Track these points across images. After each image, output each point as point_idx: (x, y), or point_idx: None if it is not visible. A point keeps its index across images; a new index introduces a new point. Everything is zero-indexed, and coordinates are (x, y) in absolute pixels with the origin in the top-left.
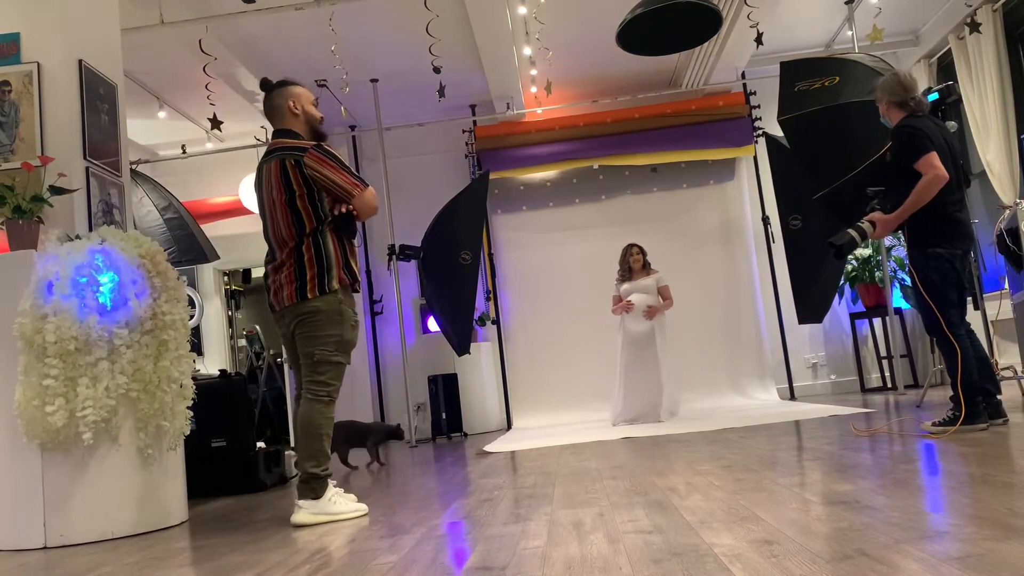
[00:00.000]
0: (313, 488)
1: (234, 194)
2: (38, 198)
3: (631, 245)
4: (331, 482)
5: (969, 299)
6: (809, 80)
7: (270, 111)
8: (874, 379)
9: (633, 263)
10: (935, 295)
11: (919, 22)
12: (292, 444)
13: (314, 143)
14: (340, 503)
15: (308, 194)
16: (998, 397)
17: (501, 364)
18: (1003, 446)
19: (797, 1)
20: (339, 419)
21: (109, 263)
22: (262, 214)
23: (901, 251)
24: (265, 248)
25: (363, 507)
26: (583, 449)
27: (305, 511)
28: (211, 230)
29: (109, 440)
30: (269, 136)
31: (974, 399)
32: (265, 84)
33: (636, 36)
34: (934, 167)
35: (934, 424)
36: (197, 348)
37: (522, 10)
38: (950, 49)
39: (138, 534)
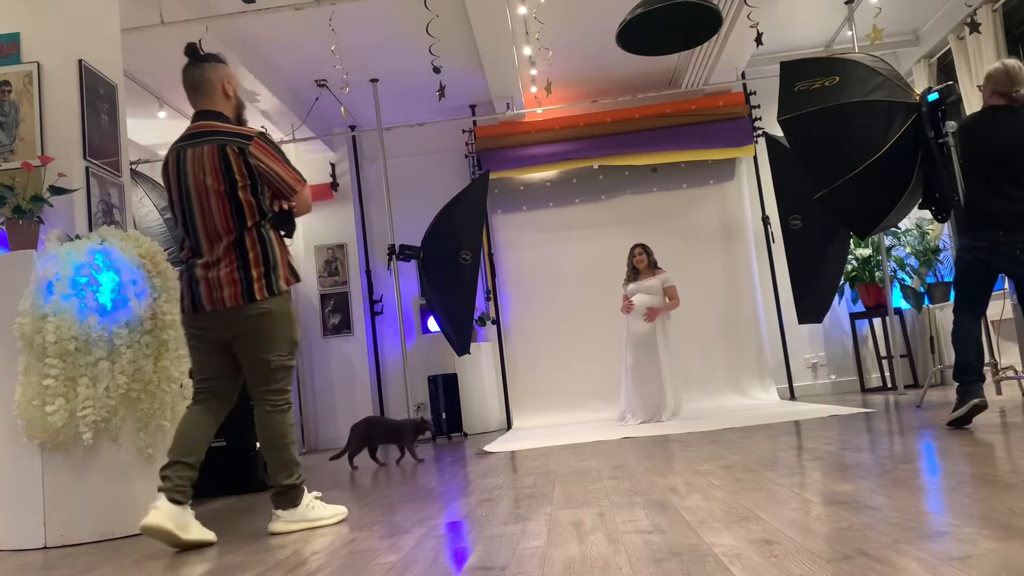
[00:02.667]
0: (291, 498)
1: None
2: (38, 198)
3: (635, 245)
4: (311, 492)
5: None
6: (809, 80)
7: (196, 85)
8: (874, 379)
9: (637, 263)
10: (954, 281)
11: (919, 22)
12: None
13: (259, 131)
14: (319, 508)
15: (252, 186)
16: (979, 385)
17: (501, 364)
18: (1003, 446)
19: (797, 1)
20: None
21: (109, 263)
22: (182, 203)
23: (901, 251)
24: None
25: (342, 510)
26: (583, 449)
27: (283, 520)
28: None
29: (109, 440)
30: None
31: (964, 377)
32: (193, 51)
33: (636, 36)
34: None
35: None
36: None
37: (522, 10)
38: (950, 49)
39: (138, 534)
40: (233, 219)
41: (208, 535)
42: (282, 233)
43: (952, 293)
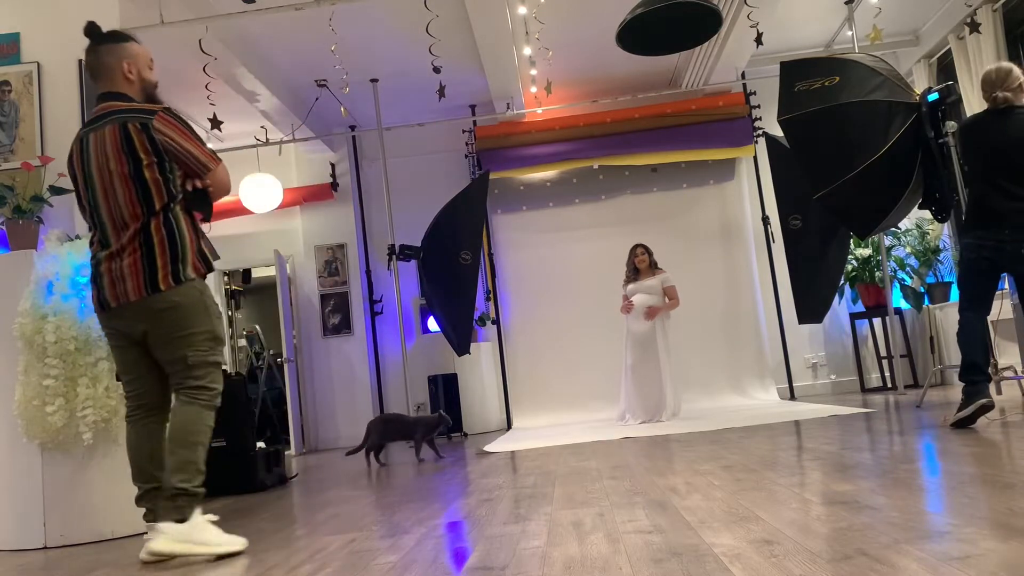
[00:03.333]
0: (179, 507)
1: (234, 194)
2: (38, 198)
3: (636, 245)
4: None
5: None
6: (809, 80)
7: (96, 68)
8: (874, 379)
9: (638, 263)
10: (958, 280)
11: (919, 22)
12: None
13: (163, 105)
14: (211, 532)
15: (159, 163)
16: (985, 385)
17: (501, 364)
18: (1003, 446)
19: (797, 1)
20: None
21: None
22: (88, 192)
23: (901, 251)
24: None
25: (240, 542)
26: (583, 449)
27: (166, 537)
28: (211, 230)
29: (109, 440)
30: (268, 136)
31: (971, 377)
32: (92, 31)
33: (636, 36)
34: None
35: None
36: None
37: (522, 10)
38: (950, 49)
39: (138, 534)
40: (140, 203)
41: (234, 542)
42: (199, 217)
43: (954, 292)
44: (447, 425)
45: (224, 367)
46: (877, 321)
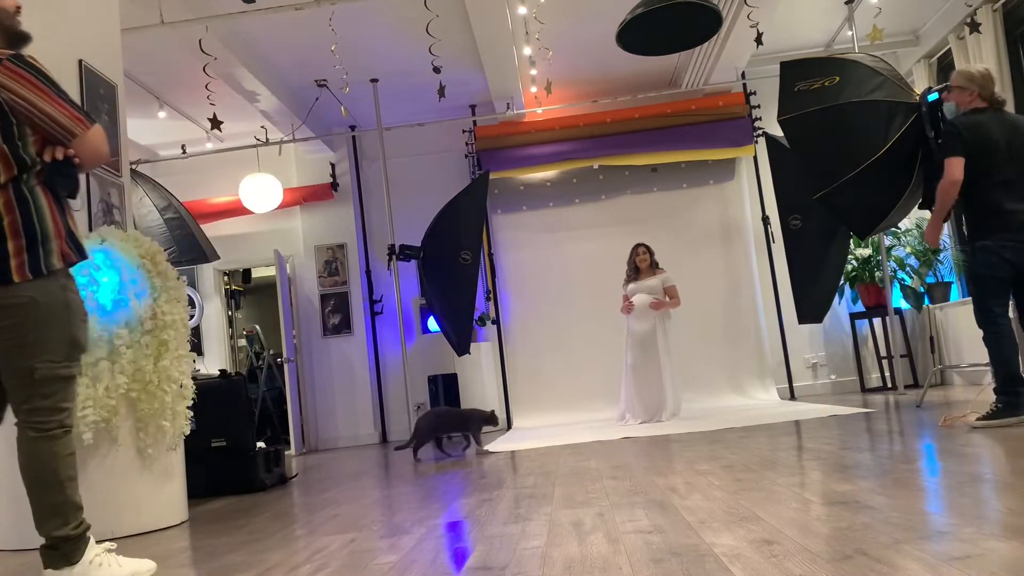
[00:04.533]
0: (65, 554)
1: (234, 194)
2: None
3: (637, 245)
4: (100, 541)
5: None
6: (809, 80)
7: None
8: (874, 379)
9: (639, 262)
10: (979, 287)
11: (919, 22)
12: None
13: (12, 53)
14: (109, 566)
15: (3, 127)
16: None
17: (501, 364)
18: (1003, 446)
19: (797, 1)
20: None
21: (109, 263)
22: None
23: (901, 251)
24: None
25: (147, 565)
26: (583, 449)
27: None
28: (211, 230)
29: (109, 440)
30: (268, 136)
31: (1014, 388)
32: None
33: (636, 36)
34: (948, 171)
35: (978, 419)
36: (197, 348)
37: (522, 10)
38: (950, 49)
39: (138, 534)
40: None
41: (139, 567)
42: (63, 193)
43: (954, 292)
44: (496, 422)
45: (224, 367)
46: (877, 321)
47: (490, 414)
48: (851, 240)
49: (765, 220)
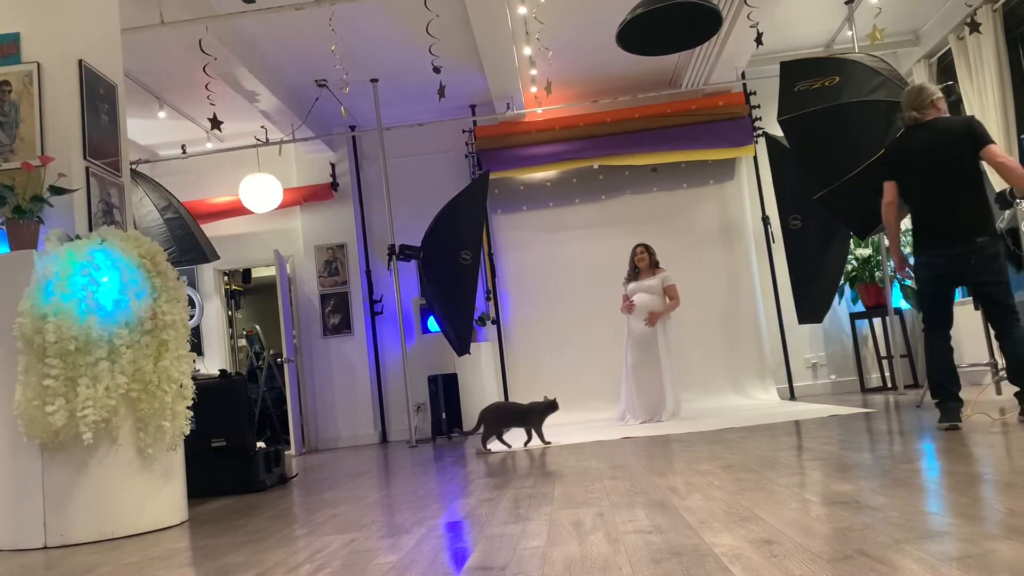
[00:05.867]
0: None
1: (234, 194)
2: (38, 198)
3: (636, 245)
4: None
5: (969, 299)
6: (809, 80)
7: None
8: (874, 379)
9: (638, 262)
10: (920, 302)
11: (919, 22)
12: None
13: None
14: None
15: None
16: (955, 403)
17: (501, 364)
18: (1003, 446)
19: (797, 1)
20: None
21: (109, 263)
22: None
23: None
24: None
25: None
26: (583, 449)
27: None
28: (211, 230)
29: (109, 440)
30: (268, 136)
31: (942, 395)
32: None
33: (636, 36)
34: (883, 196)
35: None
36: (197, 348)
37: (522, 10)
38: (950, 49)
39: (138, 534)
40: None
41: None
42: None
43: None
44: (556, 410)
45: (224, 367)
46: (877, 321)
47: (550, 403)
48: (851, 240)
49: (765, 220)
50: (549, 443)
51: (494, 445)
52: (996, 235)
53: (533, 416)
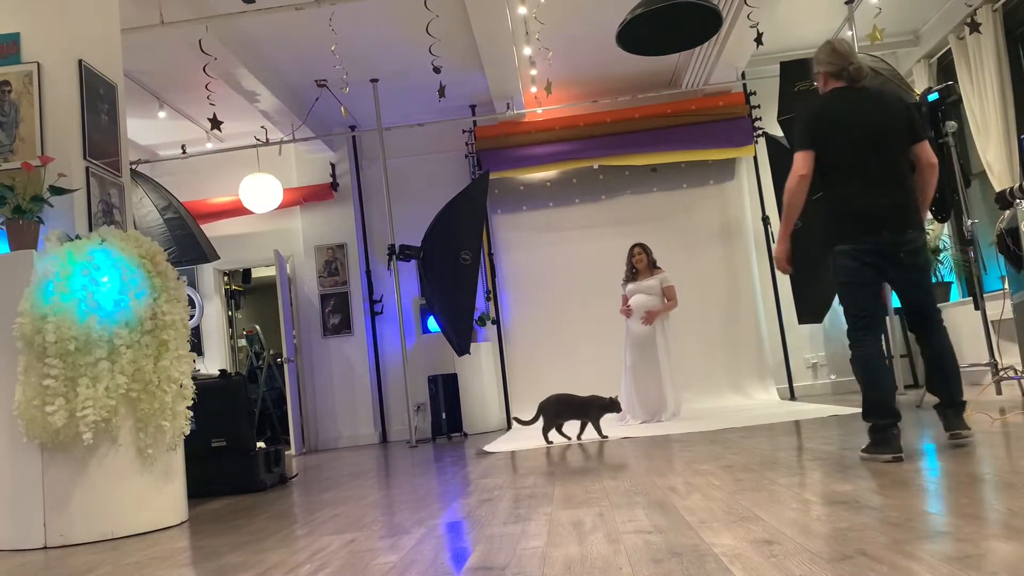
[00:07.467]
0: None
1: (234, 194)
2: (38, 198)
3: (634, 245)
4: None
5: (969, 299)
6: (809, 80)
7: None
8: None
9: (636, 263)
10: (842, 297)
11: (919, 22)
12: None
13: None
14: None
15: None
16: (896, 428)
17: (501, 364)
18: (1002, 446)
19: (797, 1)
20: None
21: (109, 263)
22: None
23: None
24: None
25: None
26: (583, 449)
27: None
28: (211, 230)
29: (109, 440)
30: (268, 136)
31: (878, 420)
32: None
33: (636, 36)
34: (793, 166)
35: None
36: (197, 348)
37: (522, 10)
38: (950, 49)
39: (138, 534)
40: None
41: None
42: None
43: (954, 292)
44: (617, 409)
45: (224, 367)
46: None
47: (610, 401)
48: None
49: (765, 220)
50: (606, 437)
51: (554, 437)
52: (923, 229)
53: (593, 409)
